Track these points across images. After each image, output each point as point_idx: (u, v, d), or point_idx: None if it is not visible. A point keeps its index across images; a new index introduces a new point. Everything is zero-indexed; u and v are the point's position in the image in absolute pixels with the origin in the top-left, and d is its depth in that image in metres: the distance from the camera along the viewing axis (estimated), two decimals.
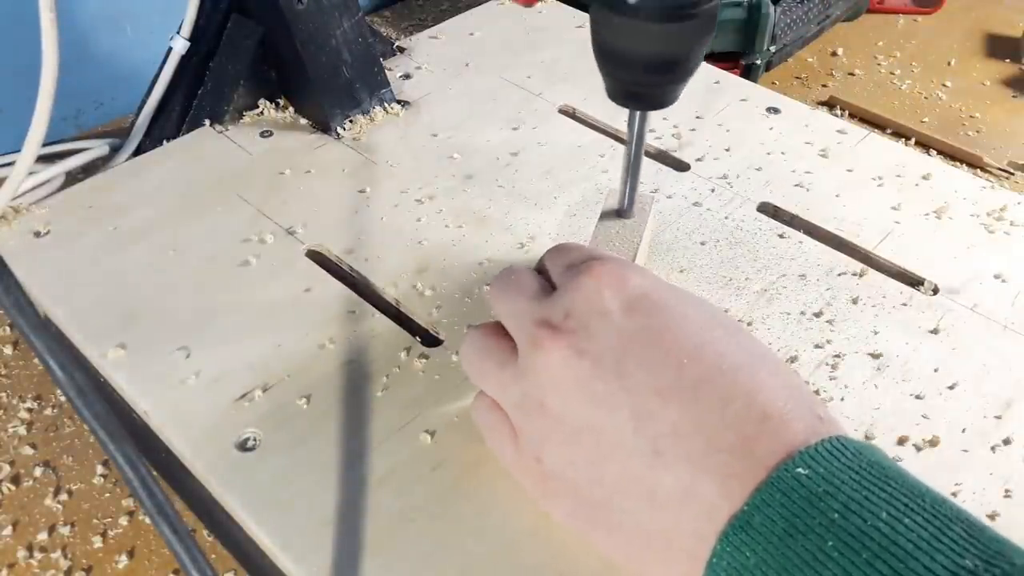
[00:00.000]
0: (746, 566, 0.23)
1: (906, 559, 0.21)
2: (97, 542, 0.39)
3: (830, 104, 0.67)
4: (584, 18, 0.61)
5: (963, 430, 0.34)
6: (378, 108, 0.52)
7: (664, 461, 0.25)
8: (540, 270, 0.32)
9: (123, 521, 0.40)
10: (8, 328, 0.49)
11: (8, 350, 0.48)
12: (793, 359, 0.37)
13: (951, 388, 0.36)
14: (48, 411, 0.45)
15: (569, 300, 0.28)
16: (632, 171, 0.37)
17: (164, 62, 0.51)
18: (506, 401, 0.29)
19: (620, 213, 0.39)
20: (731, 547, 0.23)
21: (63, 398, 0.45)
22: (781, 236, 0.43)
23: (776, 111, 0.52)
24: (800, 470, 0.23)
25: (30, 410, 0.45)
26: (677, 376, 0.25)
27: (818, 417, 0.25)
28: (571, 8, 0.62)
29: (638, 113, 0.35)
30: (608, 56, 0.32)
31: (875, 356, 0.37)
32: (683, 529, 0.24)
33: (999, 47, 0.75)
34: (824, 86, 0.70)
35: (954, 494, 0.32)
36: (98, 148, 0.54)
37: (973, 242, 0.43)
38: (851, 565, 0.21)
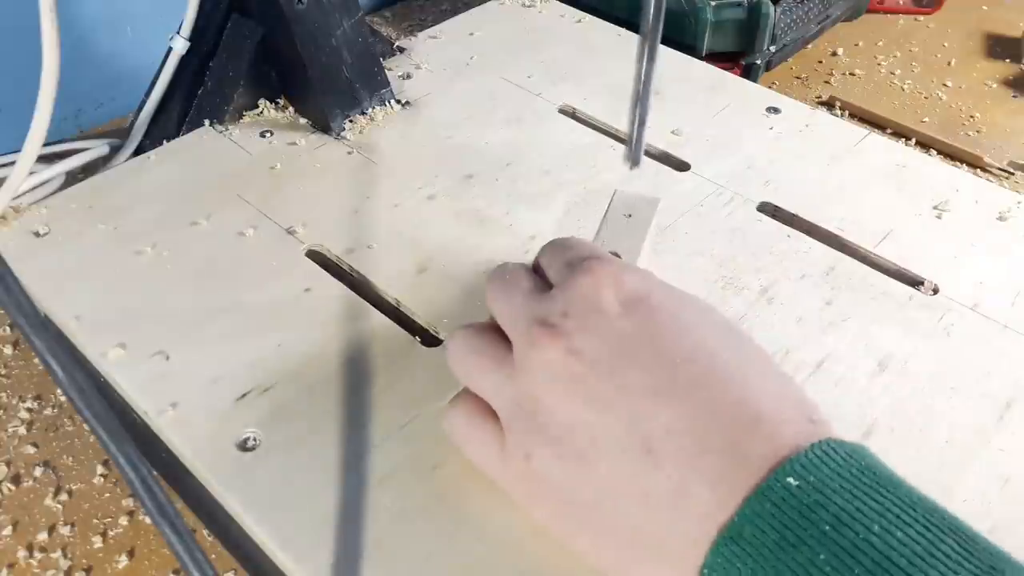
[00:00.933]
0: None
1: (899, 575, 0.21)
2: (97, 542, 0.39)
3: (830, 104, 0.67)
4: (584, 16, 0.61)
5: (963, 430, 0.34)
6: (378, 108, 0.52)
7: (656, 460, 0.25)
8: (536, 266, 0.31)
9: (123, 521, 0.40)
10: (8, 328, 0.49)
11: (8, 350, 0.48)
12: (791, 359, 0.37)
13: (951, 388, 0.36)
14: (48, 411, 0.45)
15: (567, 299, 0.28)
16: (648, 58, 0.33)
17: (164, 62, 0.51)
18: (499, 400, 0.29)
19: (630, 158, 0.36)
20: (722, 559, 0.23)
21: (63, 398, 0.45)
22: (781, 236, 0.43)
23: (776, 111, 0.52)
24: (791, 480, 0.23)
25: (30, 410, 0.45)
26: (671, 377, 0.25)
27: (810, 420, 0.25)
28: (571, 8, 0.62)
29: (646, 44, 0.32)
30: None
31: (875, 356, 0.37)
32: (675, 530, 0.24)
33: (999, 47, 0.75)
34: (825, 83, 0.70)
35: (954, 494, 0.32)
36: (98, 148, 0.54)
37: (973, 242, 0.43)
38: None
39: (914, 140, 0.63)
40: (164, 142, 0.50)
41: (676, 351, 0.26)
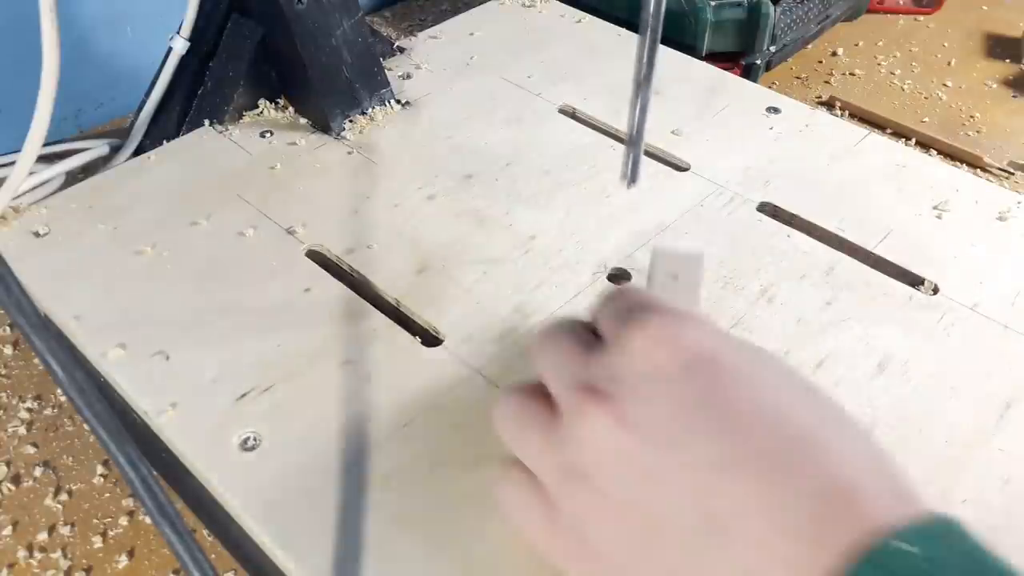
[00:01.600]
0: None
1: None
2: (97, 542, 0.39)
3: (830, 104, 0.67)
4: (584, 16, 0.61)
5: (963, 430, 0.34)
6: (378, 108, 0.52)
7: (724, 542, 0.22)
8: (594, 319, 0.28)
9: (123, 521, 0.40)
10: (8, 328, 0.49)
11: (8, 350, 0.48)
12: (791, 359, 0.37)
13: (951, 388, 0.36)
14: (48, 411, 0.45)
15: (616, 360, 0.25)
16: (648, 60, 0.32)
17: (164, 62, 0.51)
18: (545, 472, 0.26)
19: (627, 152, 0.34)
20: None
21: (63, 398, 0.45)
22: (781, 236, 0.43)
23: (776, 111, 0.52)
24: (903, 545, 0.20)
25: (30, 410, 0.45)
26: (743, 447, 0.22)
27: (904, 498, 0.22)
28: (571, 8, 0.62)
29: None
30: None
31: (875, 356, 0.37)
32: None
33: (999, 47, 0.75)
34: (825, 83, 0.70)
35: (954, 494, 0.32)
36: (98, 148, 0.54)
37: (973, 242, 0.43)
38: None
39: (914, 140, 0.63)
40: (164, 142, 0.50)
41: (744, 417, 0.23)
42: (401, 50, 0.58)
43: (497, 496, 0.28)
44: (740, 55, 0.66)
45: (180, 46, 0.51)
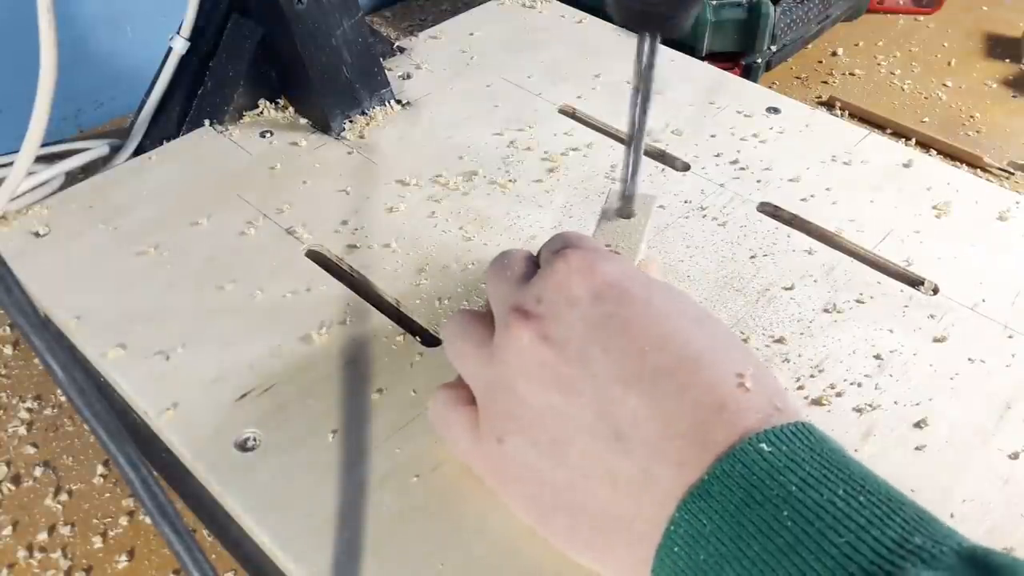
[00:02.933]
0: (702, 533, 0.23)
1: (858, 531, 0.22)
2: (97, 542, 0.39)
3: (830, 104, 0.67)
4: (584, 16, 0.61)
5: (963, 430, 0.34)
6: (378, 108, 0.52)
7: (624, 446, 0.25)
8: (538, 254, 0.32)
9: (123, 521, 0.40)
10: (8, 328, 0.49)
11: (8, 350, 0.48)
12: (791, 359, 0.37)
13: (951, 388, 0.36)
14: (48, 411, 0.45)
15: (541, 286, 0.28)
16: (641, 106, 0.34)
17: (164, 62, 0.51)
18: (477, 383, 0.30)
19: (625, 200, 0.37)
20: (689, 515, 0.24)
21: (63, 398, 0.45)
22: (781, 236, 0.43)
23: (776, 111, 0.52)
24: (763, 445, 0.24)
25: (30, 410, 0.45)
26: (639, 365, 0.26)
27: (775, 407, 0.25)
28: (571, 8, 0.62)
29: (647, 41, 0.32)
30: None
31: (875, 356, 0.37)
32: (642, 514, 0.25)
33: (999, 47, 0.75)
34: (825, 83, 0.70)
35: (954, 494, 0.32)
36: (98, 148, 0.54)
37: (973, 242, 0.43)
38: (804, 535, 0.22)
39: (914, 140, 0.63)
40: (164, 142, 0.50)
41: (644, 339, 0.26)
42: (401, 50, 0.58)
43: (430, 410, 0.32)
44: (740, 55, 0.66)
45: (180, 46, 0.51)
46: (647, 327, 0.27)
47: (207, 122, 0.51)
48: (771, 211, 0.45)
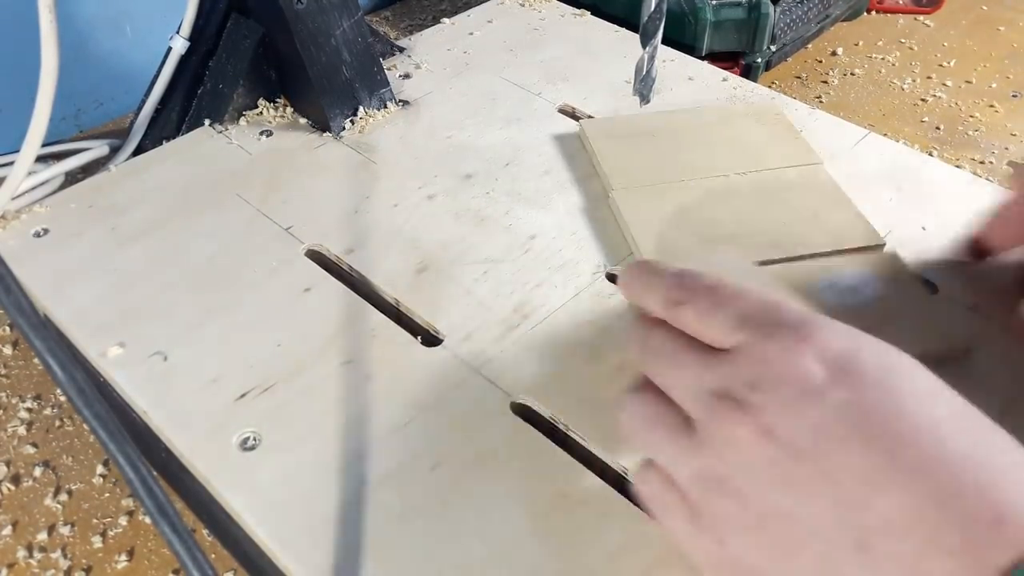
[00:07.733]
0: None
1: None
2: (97, 542, 0.39)
3: (830, 104, 0.67)
4: (584, 15, 0.61)
5: None
6: (378, 108, 0.52)
7: (871, 558, 0.21)
8: (672, 302, 0.26)
9: (123, 521, 0.40)
10: (8, 328, 0.49)
11: (8, 350, 0.48)
12: None
13: None
14: (48, 411, 0.45)
15: (754, 369, 0.24)
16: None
17: (164, 62, 0.51)
18: (681, 475, 0.25)
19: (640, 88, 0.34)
20: None
21: (63, 398, 0.45)
22: None
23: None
24: None
25: (30, 410, 0.45)
26: (890, 461, 0.21)
27: None
28: (571, 7, 0.62)
29: None
30: None
31: None
32: None
33: (999, 47, 0.75)
34: (825, 83, 0.70)
35: None
36: (98, 148, 0.54)
37: None
38: None
39: (914, 140, 0.63)
40: (164, 142, 0.50)
41: (895, 430, 0.22)
42: (401, 50, 0.58)
43: (639, 496, 0.27)
44: (740, 55, 0.66)
45: (180, 46, 0.51)
46: (898, 416, 0.22)
47: (207, 122, 0.51)
48: None
